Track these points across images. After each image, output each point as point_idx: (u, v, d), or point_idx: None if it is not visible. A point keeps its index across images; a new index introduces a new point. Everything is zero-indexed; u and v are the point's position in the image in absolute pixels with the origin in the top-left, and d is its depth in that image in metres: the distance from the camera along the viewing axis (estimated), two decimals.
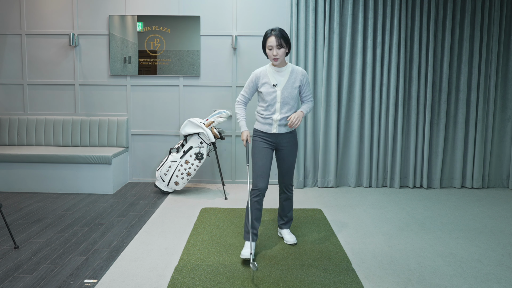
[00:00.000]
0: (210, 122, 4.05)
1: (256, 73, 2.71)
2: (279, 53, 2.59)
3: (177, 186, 4.06)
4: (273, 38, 2.57)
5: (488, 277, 2.39)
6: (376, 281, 2.33)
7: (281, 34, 2.58)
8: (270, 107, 2.67)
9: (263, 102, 2.69)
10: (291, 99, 2.67)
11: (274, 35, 2.57)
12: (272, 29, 2.61)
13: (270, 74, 2.67)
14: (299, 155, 4.40)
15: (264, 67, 2.73)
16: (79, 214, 3.48)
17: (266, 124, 2.70)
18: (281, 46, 2.59)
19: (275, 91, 2.64)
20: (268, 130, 2.70)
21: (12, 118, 4.53)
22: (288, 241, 2.87)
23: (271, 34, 2.59)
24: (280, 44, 2.58)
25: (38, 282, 2.29)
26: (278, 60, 2.61)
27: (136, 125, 4.59)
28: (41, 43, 4.51)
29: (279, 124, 2.68)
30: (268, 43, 2.60)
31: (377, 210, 3.68)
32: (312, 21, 4.24)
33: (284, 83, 2.66)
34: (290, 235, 2.90)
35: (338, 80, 4.37)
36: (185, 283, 2.28)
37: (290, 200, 2.90)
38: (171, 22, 4.42)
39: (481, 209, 3.73)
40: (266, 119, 2.69)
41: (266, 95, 2.65)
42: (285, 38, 2.60)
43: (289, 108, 2.68)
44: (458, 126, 4.45)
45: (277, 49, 2.59)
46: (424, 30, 4.30)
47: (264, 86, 2.67)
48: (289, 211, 2.93)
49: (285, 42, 2.60)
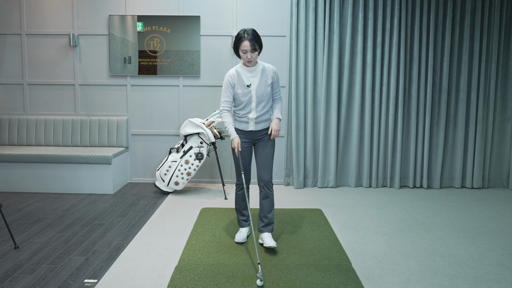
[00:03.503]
0: (210, 122, 4.05)
1: (230, 76, 2.73)
2: (253, 56, 2.64)
3: (177, 186, 4.06)
4: (247, 43, 2.60)
5: (488, 277, 2.39)
6: (376, 281, 2.33)
7: (254, 38, 2.61)
8: (246, 106, 2.72)
9: (239, 102, 2.73)
10: (265, 96, 2.73)
11: (248, 39, 2.60)
12: (246, 31, 2.62)
13: (243, 74, 2.72)
14: (299, 155, 4.40)
15: (234, 68, 2.76)
16: (79, 214, 3.48)
17: (243, 123, 2.76)
18: (255, 50, 2.63)
19: (250, 91, 2.70)
20: (245, 128, 2.76)
21: (12, 118, 4.53)
22: (267, 244, 2.67)
23: (245, 39, 2.60)
24: (254, 48, 2.62)
25: (38, 282, 2.29)
26: (250, 63, 2.68)
27: (136, 125, 4.59)
28: (41, 43, 4.51)
29: (256, 122, 2.74)
30: (242, 47, 2.62)
31: (377, 210, 3.68)
32: (312, 21, 4.24)
33: (257, 82, 2.70)
34: (270, 239, 2.72)
35: (338, 80, 4.37)
36: (185, 283, 2.28)
37: (269, 198, 2.74)
38: (171, 22, 4.42)
39: (481, 209, 3.73)
40: (242, 118, 2.75)
41: (242, 96, 2.70)
42: (258, 41, 2.64)
43: (264, 104, 2.73)
44: (458, 126, 4.45)
45: (251, 53, 2.63)
46: (424, 30, 4.30)
47: (238, 87, 2.70)
48: (269, 212, 2.75)
49: (258, 45, 2.64)
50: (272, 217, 2.78)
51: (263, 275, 2.38)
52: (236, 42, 2.66)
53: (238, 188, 2.86)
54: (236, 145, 2.66)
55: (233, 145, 2.68)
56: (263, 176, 2.75)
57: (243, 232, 2.92)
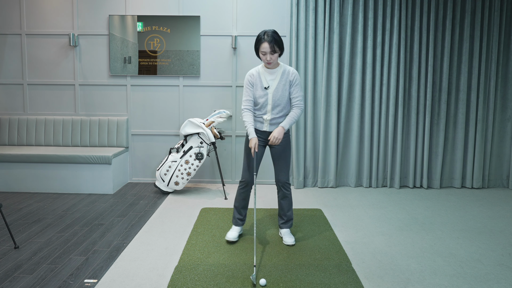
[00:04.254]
0: (210, 122, 4.05)
1: (250, 75, 2.74)
2: (272, 58, 2.62)
3: (177, 186, 4.07)
4: (266, 45, 2.57)
5: (488, 277, 2.39)
6: (376, 281, 2.33)
7: (274, 40, 2.58)
8: (262, 108, 2.73)
9: (256, 102, 2.73)
10: (282, 100, 2.70)
11: (268, 41, 2.57)
12: (266, 33, 2.60)
13: (262, 76, 2.71)
14: (299, 155, 4.40)
15: (256, 68, 2.76)
16: (79, 214, 3.48)
17: (258, 122, 2.78)
18: (275, 52, 2.60)
19: (267, 93, 2.69)
20: (259, 127, 2.78)
21: (12, 118, 4.53)
22: (286, 242, 2.86)
23: (265, 40, 2.58)
24: (273, 50, 2.59)
25: (38, 282, 2.29)
26: (270, 64, 2.65)
27: (136, 125, 4.59)
28: (41, 43, 4.51)
29: (270, 123, 2.75)
30: (262, 49, 2.60)
31: (377, 210, 3.68)
32: (312, 21, 4.24)
33: (275, 85, 2.69)
34: (289, 236, 2.89)
35: (338, 80, 4.37)
36: (185, 283, 2.28)
37: (287, 198, 2.86)
38: (171, 22, 4.42)
39: (481, 209, 3.73)
40: (258, 118, 2.77)
41: (259, 98, 2.71)
42: (278, 43, 2.60)
43: (280, 109, 2.72)
44: (458, 126, 4.45)
45: (271, 54, 2.60)
46: (424, 30, 4.30)
47: (257, 88, 2.70)
48: (288, 210, 2.90)
49: (278, 47, 2.60)
50: (291, 214, 2.91)
51: (263, 276, 2.38)
52: (256, 43, 2.65)
53: (241, 186, 2.86)
54: (253, 145, 2.64)
55: (250, 144, 2.67)
56: (280, 178, 2.81)
57: (235, 231, 2.91)
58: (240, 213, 2.93)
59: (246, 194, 2.87)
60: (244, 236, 3.00)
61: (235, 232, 2.90)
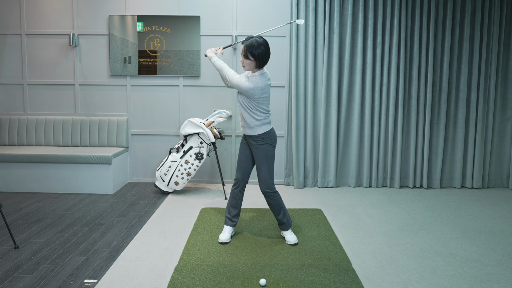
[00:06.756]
0: (210, 122, 4.05)
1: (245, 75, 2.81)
2: (245, 62, 2.67)
3: (177, 186, 4.06)
4: (243, 47, 2.66)
5: (488, 277, 2.39)
6: (376, 281, 2.33)
7: (251, 46, 2.61)
8: None
9: None
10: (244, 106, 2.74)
11: (245, 44, 2.65)
12: (252, 38, 2.66)
13: None
14: (299, 155, 4.40)
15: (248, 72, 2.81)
16: (79, 214, 3.48)
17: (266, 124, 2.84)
18: (247, 57, 2.64)
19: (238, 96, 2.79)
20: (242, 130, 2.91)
21: (12, 118, 4.53)
22: (288, 241, 2.87)
23: (243, 43, 2.67)
24: (246, 55, 2.64)
25: (38, 282, 2.29)
26: (244, 68, 2.71)
27: (136, 125, 4.59)
28: (41, 43, 4.51)
29: (242, 125, 2.85)
30: None
31: (377, 210, 3.68)
32: (312, 21, 4.24)
33: None
34: (290, 235, 2.90)
35: (338, 80, 4.37)
36: (185, 283, 2.28)
37: (272, 205, 2.86)
38: (171, 22, 4.42)
39: (481, 209, 3.73)
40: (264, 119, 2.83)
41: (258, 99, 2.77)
42: (252, 52, 2.61)
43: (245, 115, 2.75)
44: (458, 126, 4.45)
45: (244, 58, 2.66)
46: (424, 30, 4.30)
47: None
48: (277, 214, 2.88)
49: (251, 55, 2.63)
50: (281, 218, 2.89)
51: (263, 276, 2.38)
52: None
53: (233, 183, 2.95)
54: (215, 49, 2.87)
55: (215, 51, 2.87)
56: (260, 186, 2.86)
57: (227, 233, 2.91)
58: (229, 212, 2.95)
59: (236, 193, 2.92)
60: (244, 236, 3.00)
61: (227, 233, 2.90)
